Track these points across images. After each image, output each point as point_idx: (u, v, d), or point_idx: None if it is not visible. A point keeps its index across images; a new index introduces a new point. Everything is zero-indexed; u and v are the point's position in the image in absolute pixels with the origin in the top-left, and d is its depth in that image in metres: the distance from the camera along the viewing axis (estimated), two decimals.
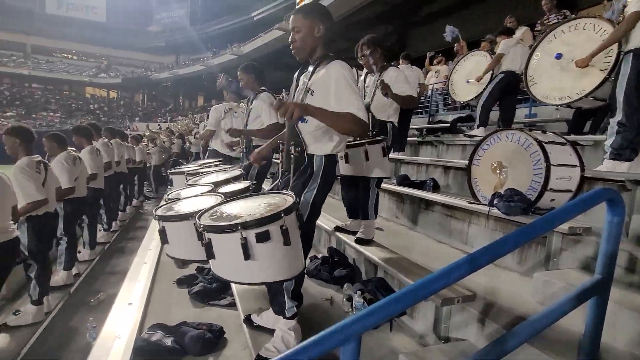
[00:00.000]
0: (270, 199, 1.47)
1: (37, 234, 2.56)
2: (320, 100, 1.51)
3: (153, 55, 39.23)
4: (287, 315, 1.59)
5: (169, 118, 32.27)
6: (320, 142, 1.58)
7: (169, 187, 7.83)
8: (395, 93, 2.22)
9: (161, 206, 1.80)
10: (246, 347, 1.95)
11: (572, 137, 2.81)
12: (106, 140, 4.39)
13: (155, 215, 1.63)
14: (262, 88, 2.81)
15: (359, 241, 2.37)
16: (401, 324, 1.95)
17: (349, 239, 2.50)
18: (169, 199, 1.92)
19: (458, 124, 4.94)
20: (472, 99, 4.55)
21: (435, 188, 3.20)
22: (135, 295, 2.51)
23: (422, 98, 6.59)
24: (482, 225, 2.30)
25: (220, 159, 3.23)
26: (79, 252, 3.64)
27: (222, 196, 1.72)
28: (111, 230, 4.59)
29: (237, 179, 2.27)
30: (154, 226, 4.63)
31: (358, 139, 2.22)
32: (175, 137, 10.98)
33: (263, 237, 1.23)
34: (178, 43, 35.97)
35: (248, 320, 1.86)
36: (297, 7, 1.55)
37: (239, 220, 1.26)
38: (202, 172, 2.48)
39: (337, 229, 2.68)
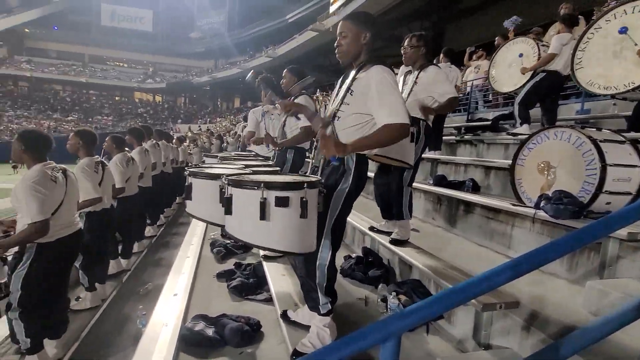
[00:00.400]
0: (295, 178, 1.55)
1: (92, 228, 2.82)
2: (358, 100, 1.52)
3: (194, 60, 41.37)
4: (321, 312, 1.62)
5: (208, 120, 33.82)
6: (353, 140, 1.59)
7: None
8: (438, 103, 2.21)
9: (194, 167, 1.93)
10: (282, 341, 2.01)
11: (632, 134, 2.57)
12: (154, 141, 4.72)
13: (187, 170, 1.75)
14: (303, 91, 2.86)
15: (394, 242, 2.34)
16: (438, 328, 1.91)
17: (383, 240, 2.48)
18: (202, 166, 2.04)
19: (500, 122, 4.67)
20: (518, 89, 4.00)
21: (475, 189, 3.07)
22: (179, 286, 2.68)
23: (461, 95, 6.32)
24: (526, 228, 2.17)
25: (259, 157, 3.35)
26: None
27: (251, 170, 1.83)
28: (157, 224, 4.92)
29: (268, 167, 2.36)
30: (196, 222, 4.91)
31: None
32: (214, 137, 11.51)
33: (282, 202, 1.29)
34: (216, 48, 37.59)
35: (284, 315, 1.91)
36: (347, 13, 1.62)
37: (262, 180, 1.33)
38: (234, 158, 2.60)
39: (372, 229, 2.67)
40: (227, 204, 1.37)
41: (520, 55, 4.00)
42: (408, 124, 1.43)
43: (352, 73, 1.61)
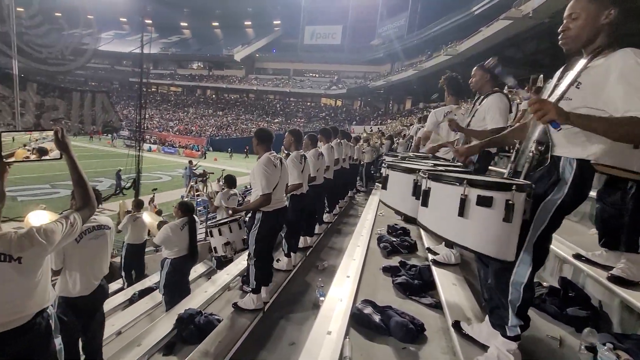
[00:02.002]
0: (502, 180, 1.41)
1: (294, 207, 3.52)
2: (588, 94, 1.24)
3: (372, 65, 44.18)
4: (507, 334, 1.44)
5: (379, 121, 35.44)
6: (574, 143, 1.30)
7: (376, 183, 8.64)
8: None
9: (390, 160, 2.10)
10: (447, 351, 1.93)
11: None
12: (339, 140, 5.42)
13: (385, 162, 1.90)
14: (496, 88, 2.60)
15: (616, 280, 1.78)
16: None
17: (595, 273, 1.94)
18: (395, 160, 2.20)
19: None
20: None
21: None
22: (351, 270, 2.99)
23: None
24: None
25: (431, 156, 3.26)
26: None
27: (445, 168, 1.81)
28: (333, 213, 5.64)
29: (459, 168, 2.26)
30: (365, 214, 5.31)
31: None
32: (384, 138, 11.97)
33: (484, 202, 1.21)
34: (395, 51, 38.62)
35: (457, 326, 1.82)
36: None
37: (465, 176, 1.29)
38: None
39: (578, 257, 2.12)
40: (424, 196, 1.40)
41: None
42: None
43: (582, 62, 1.31)
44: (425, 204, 1.40)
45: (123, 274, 5.29)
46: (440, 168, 1.81)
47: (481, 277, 1.63)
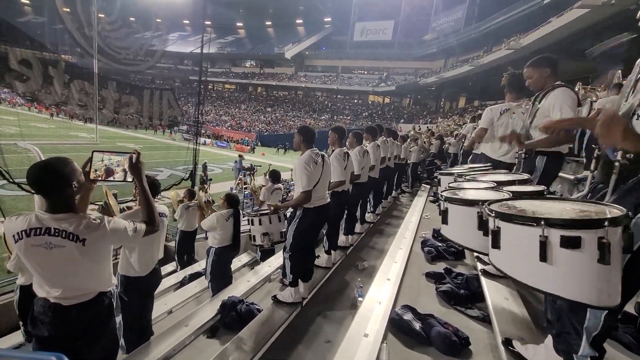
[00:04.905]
0: (582, 206, 1.20)
1: (335, 204, 3.50)
2: None
3: (424, 61, 42.37)
4: None
5: (429, 120, 33.96)
6: None
7: (423, 184, 8.27)
8: None
9: (446, 189, 1.91)
10: None
11: None
12: (384, 138, 5.28)
13: (442, 196, 1.74)
14: (558, 82, 2.32)
15: None
16: None
17: None
18: (451, 187, 2.01)
19: None
20: None
21: None
22: (392, 273, 2.90)
23: None
24: None
25: (489, 164, 3.01)
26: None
27: (510, 193, 1.59)
28: (376, 213, 5.52)
29: (524, 182, 2.03)
30: (410, 216, 5.12)
31: None
32: (434, 137, 11.42)
33: (570, 243, 1.02)
34: (449, 46, 36.63)
35: (508, 343, 1.66)
36: None
37: (541, 216, 1.09)
38: (473, 174, 2.40)
39: None
40: (494, 237, 1.22)
41: None
42: None
43: None
44: (496, 246, 1.21)
45: (176, 257, 5.72)
46: (504, 193, 1.60)
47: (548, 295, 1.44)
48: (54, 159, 1.44)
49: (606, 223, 1.00)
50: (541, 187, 1.76)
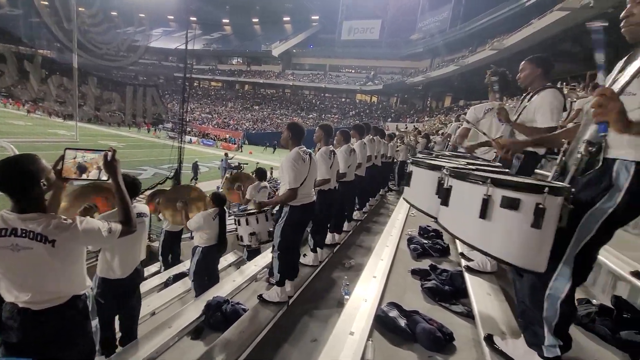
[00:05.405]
0: (534, 181, 1.26)
1: (321, 202, 3.48)
2: None
3: (410, 61, 42.83)
4: (545, 355, 1.31)
5: (416, 118, 34.37)
6: (632, 144, 1.14)
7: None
8: None
9: (419, 157, 1.97)
10: None
11: None
12: (371, 137, 5.30)
13: (410, 159, 1.83)
14: (548, 84, 2.36)
15: None
16: None
17: None
18: (425, 157, 2.06)
19: None
20: None
21: None
22: (378, 271, 2.91)
23: None
24: None
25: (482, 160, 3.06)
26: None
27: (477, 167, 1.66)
28: (363, 211, 5.54)
29: (496, 168, 2.08)
30: (396, 214, 5.15)
31: None
32: (420, 136, 11.56)
33: (510, 204, 1.09)
34: (435, 46, 37.11)
35: (489, 339, 1.69)
36: None
37: (490, 175, 1.17)
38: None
39: (637, 274, 1.89)
40: (445, 195, 1.31)
41: None
42: None
43: None
44: (445, 203, 1.31)
45: (161, 258, 5.60)
46: (470, 167, 1.67)
47: (516, 289, 1.48)
48: (19, 156, 1.37)
49: (546, 189, 1.06)
50: (506, 170, 1.83)
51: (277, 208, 3.07)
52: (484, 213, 1.14)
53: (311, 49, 52.27)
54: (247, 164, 14.70)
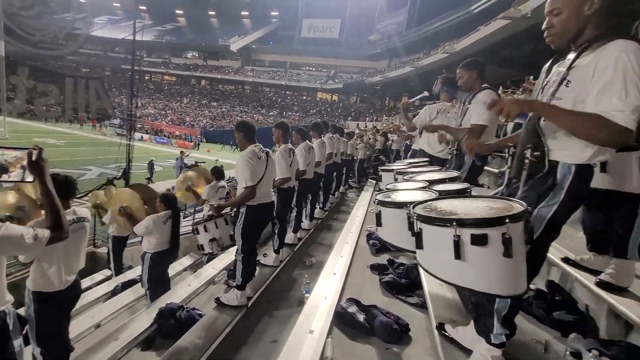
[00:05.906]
0: (493, 203, 1.32)
1: (281, 201, 3.44)
2: (577, 90, 1.18)
3: (369, 61, 43.90)
4: (492, 341, 1.40)
5: (375, 117, 35.35)
6: (570, 147, 1.23)
7: (369, 180, 8.57)
8: None
9: (380, 193, 1.98)
10: (431, 353, 1.90)
11: None
12: (331, 135, 5.34)
13: (375, 200, 1.80)
14: (484, 85, 2.54)
15: (604, 285, 1.76)
16: None
17: (583, 278, 1.91)
18: (387, 189, 2.08)
19: None
20: None
21: None
22: (338, 267, 2.94)
23: None
24: None
25: (427, 159, 3.21)
26: (302, 222, 4.64)
27: (437, 193, 1.69)
28: (324, 209, 5.57)
29: (454, 180, 2.18)
30: (356, 210, 5.25)
31: None
32: (379, 134, 11.91)
33: (479, 241, 1.12)
34: (392, 48, 38.38)
35: (441, 328, 1.78)
36: None
37: (454, 217, 1.19)
38: (411, 171, 2.53)
39: (566, 260, 2.10)
40: (417, 238, 1.31)
41: None
42: (629, 131, 1.03)
43: (570, 57, 1.24)
44: (420, 246, 1.31)
45: (112, 264, 5.17)
46: (433, 193, 1.72)
47: None
48: None
49: (507, 220, 1.11)
50: (465, 185, 1.91)
51: (235, 209, 2.97)
52: (458, 254, 1.16)
53: (271, 45, 51.43)
54: (204, 162, 14.11)
